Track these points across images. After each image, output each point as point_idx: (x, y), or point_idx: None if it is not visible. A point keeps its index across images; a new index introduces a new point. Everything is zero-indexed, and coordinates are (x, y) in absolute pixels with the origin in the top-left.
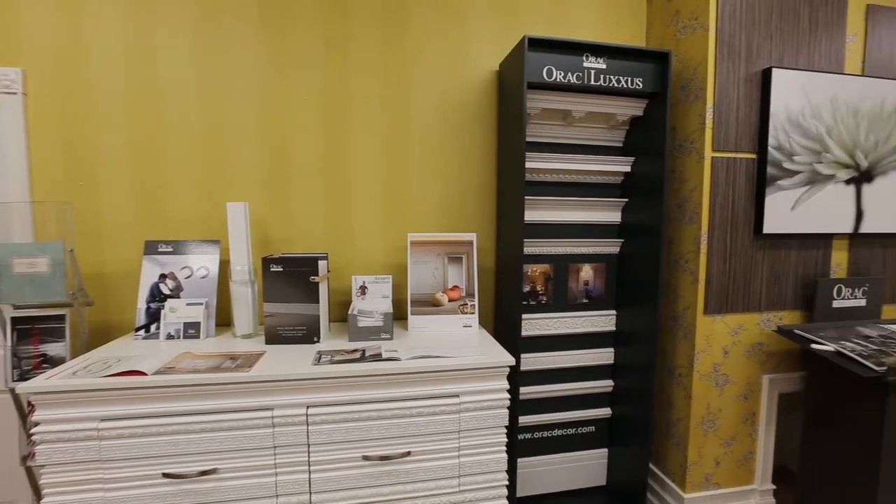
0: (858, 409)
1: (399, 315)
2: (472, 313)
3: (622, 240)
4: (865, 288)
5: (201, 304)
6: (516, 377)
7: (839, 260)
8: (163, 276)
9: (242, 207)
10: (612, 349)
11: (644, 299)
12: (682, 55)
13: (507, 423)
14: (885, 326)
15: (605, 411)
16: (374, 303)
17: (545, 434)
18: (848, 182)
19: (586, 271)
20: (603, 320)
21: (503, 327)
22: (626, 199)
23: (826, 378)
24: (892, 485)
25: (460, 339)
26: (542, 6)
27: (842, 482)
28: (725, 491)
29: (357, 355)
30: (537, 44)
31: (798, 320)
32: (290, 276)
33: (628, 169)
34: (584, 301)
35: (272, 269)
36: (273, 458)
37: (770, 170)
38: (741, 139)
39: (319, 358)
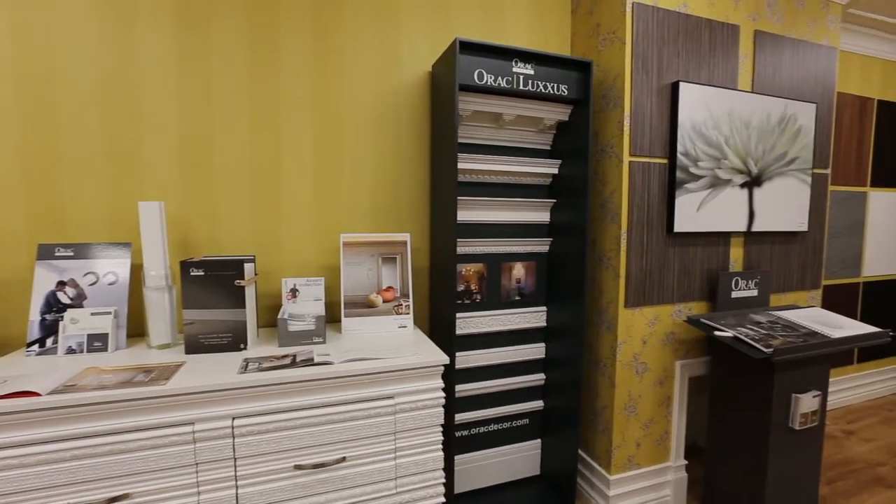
0: (752, 386)
1: (333, 318)
2: (407, 314)
3: (551, 239)
4: (757, 280)
5: (109, 313)
6: (452, 375)
7: (736, 255)
8: (61, 284)
9: (157, 207)
10: (543, 344)
11: (571, 295)
12: (603, 65)
13: (443, 422)
14: (773, 313)
15: (537, 404)
16: (305, 306)
17: (482, 430)
18: (742, 186)
19: (518, 270)
20: (534, 317)
21: (438, 326)
22: (555, 200)
23: (727, 361)
24: (779, 451)
25: (395, 340)
26: (475, 11)
27: (741, 452)
28: (645, 470)
29: (287, 361)
30: (469, 47)
31: (704, 310)
32: (213, 280)
33: (556, 171)
34: (517, 299)
35: (192, 273)
36: (195, 476)
37: (679, 174)
38: (654, 145)
39: (246, 366)
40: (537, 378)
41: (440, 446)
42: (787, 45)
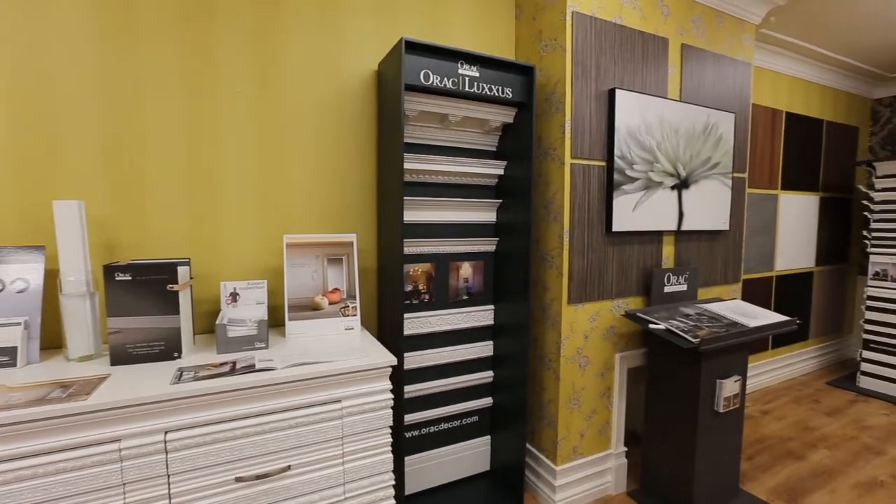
0: (682, 374)
1: (276, 322)
2: (354, 315)
3: (498, 238)
4: (686, 275)
5: (18, 324)
6: (400, 376)
7: (668, 253)
8: None
9: (76, 206)
10: (491, 342)
11: (517, 293)
12: (546, 70)
13: (391, 424)
14: (700, 305)
15: (486, 401)
16: (246, 310)
17: (432, 429)
18: (672, 188)
19: (466, 269)
20: (482, 315)
21: (386, 327)
22: (501, 201)
23: (661, 351)
24: (706, 432)
25: (342, 343)
26: (421, 11)
27: (674, 435)
28: (589, 458)
29: (226, 368)
30: (414, 47)
31: (640, 304)
32: (143, 285)
33: (501, 172)
34: (465, 298)
35: (118, 278)
36: (122, 497)
37: (616, 176)
38: (593, 148)
39: (180, 375)
40: (486, 375)
41: (389, 448)
42: (710, 58)
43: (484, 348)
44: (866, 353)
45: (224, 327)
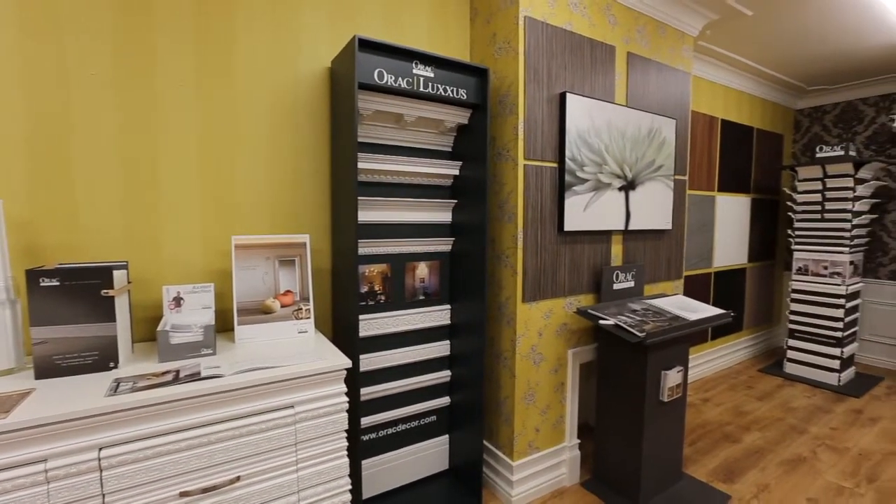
0: (630, 367)
1: (225, 327)
2: (308, 318)
3: (453, 238)
4: (633, 272)
5: None
6: (356, 379)
7: (616, 251)
8: None
9: None
10: (448, 341)
11: (473, 293)
12: (500, 73)
13: (347, 428)
14: (646, 301)
15: (444, 400)
16: (192, 315)
17: (390, 431)
18: (620, 189)
19: (422, 269)
20: (439, 315)
21: (341, 330)
22: (456, 201)
23: (610, 346)
24: (652, 420)
25: (295, 347)
26: (376, 9)
27: (622, 426)
28: (544, 452)
29: (169, 377)
30: (368, 45)
31: (591, 301)
32: (73, 290)
33: (457, 172)
34: (422, 298)
35: (43, 284)
36: None
37: (567, 177)
38: (546, 150)
39: (117, 387)
40: (443, 375)
41: (345, 453)
42: (653, 67)
43: (441, 348)
44: (791, 342)
45: (166, 334)
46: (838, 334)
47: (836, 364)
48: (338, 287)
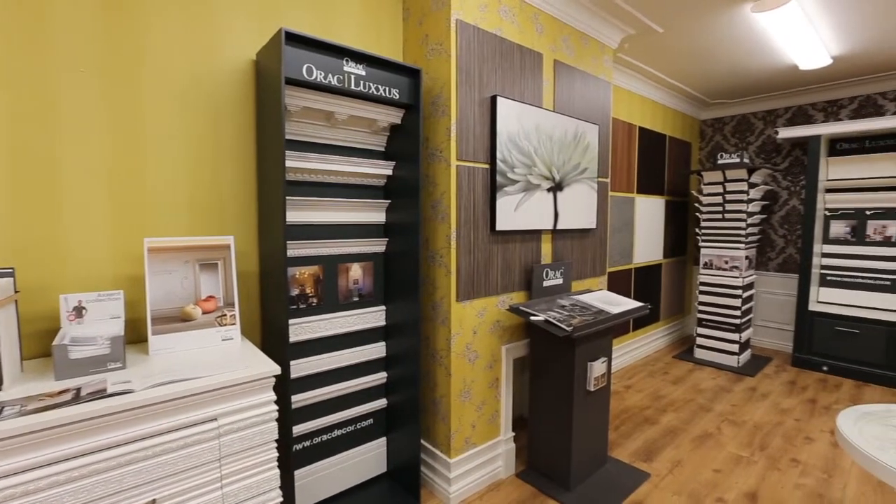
0: (559, 359)
1: (139, 337)
2: (233, 324)
3: (387, 239)
4: (562, 270)
5: None
6: (286, 386)
7: (546, 250)
8: None
9: None
10: (383, 342)
11: (408, 293)
12: (432, 74)
13: (277, 438)
14: (573, 297)
15: (381, 402)
16: (97, 326)
17: (325, 437)
18: (548, 190)
19: (356, 270)
20: (374, 316)
21: (271, 335)
22: (389, 201)
23: (541, 340)
24: (580, 409)
25: (219, 355)
26: (305, 3)
27: (553, 416)
28: (481, 447)
29: (67, 397)
30: (296, 39)
31: (523, 299)
32: None
33: (390, 172)
34: (356, 299)
35: None
36: None
37: (499, 178)
38: (478, 151)
39: (0, 411)
40: (379, 377)
41: (275, 464)
42: (578, 75)
43: (376, 350)
44: (700, 330)
45: (64, 348)
46: (737, 321)
47: (735, 348)
48: (266, 291)
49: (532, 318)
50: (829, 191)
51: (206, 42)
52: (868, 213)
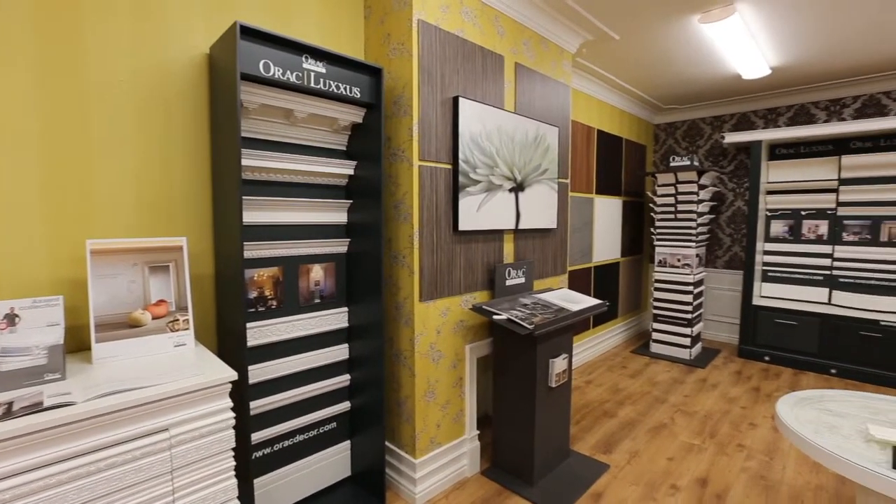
0: (522, 357)
1: (83, 345)
2: (186, 329)
3: (349, 239)
4: (524, 269)
5: None
6: (244, 392)
7: (508, 250)
8: None
9: None
10: (346, 344)
11: (371, 294)
12: (394, 73)
13: (234, 446)
14: (535, 295)
15: (344, 405)
16: (32, 335)
17: (286, 443)
18: (510, 191)
19: (317, 271)
20: (336, 318)
21: (228, 340)
22: (351, 201)
23: (504, 339)
24: (542, 405)
25: (171, 362)
26: None
27: (516, 413)
28: (446, 446)
29: None
30: (252, 33)
31: (486, 298)
32: None
33: (352, 172)
34: (317, 301)
35: None
36: None
37: (461, 179)
38: (440, 152)
39: None
40: (342, 379)
41: (233, 473)
42: (538, 78)
43: (339, 352)
44: (655, 325)
45: None
46: (688, 316)
47: (687, 341)
48: (223, 294)
49: (495, 317)
50: (769, 193)
51: (155, 34)
52: (803, 213)
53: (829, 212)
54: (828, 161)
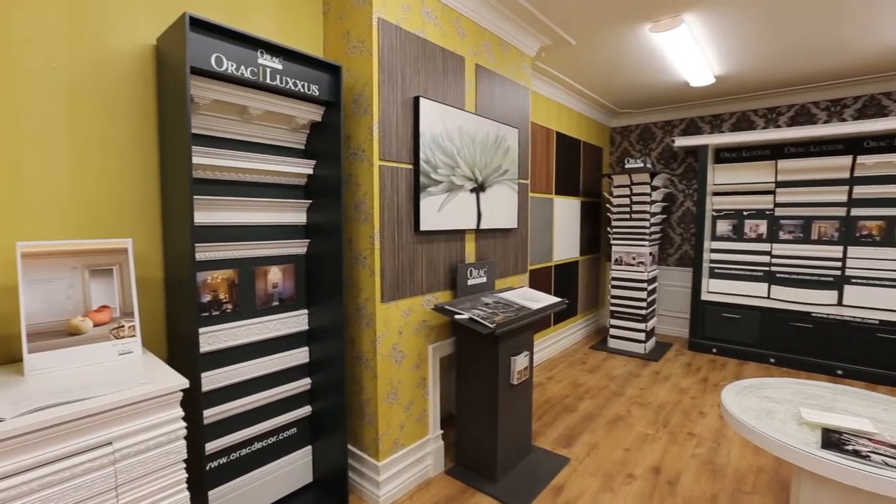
0: (484, 356)
1: (12, 357)
2: (132, 336)
3: (308, 240)
4: (486, 268)
5: None
6: (197, 400)
7: (470, 249)
8: None
9: None
10: (306, 348)
11: (331, 295)
12: (354, 71)
13: (186, 457)
14: (496, 294)
15: (305, 410)
16: None
17: (244, 452)
18: (471, 191)
19: (275, 273)
20: (295, 321)
21: (179, 346)
22: (311, 201)
23: (466, 338)
24: (504, 402)
25: (115, 372)
26: None
27: (479, 411)
28: (410, 447)
29: None
30: (203, 26)
31: (448, 298)
32: None
33: (311, 171)
34: (275, 304)
35: None
36: None
37: (422, 179)
38: (401, 152)
39: None
40: (303, 384)
41: (185, 486)
42: (498, 80)
43: (299, 355)
44: (612, 321)
45: None
46: (643, 312)
47: (642, 336)
48: (173, 298)
49: (457, 316)
50: (715, 194)
51: (96, 20)
52: (745, 213)
53: (768, 212)
54: (766, 165)
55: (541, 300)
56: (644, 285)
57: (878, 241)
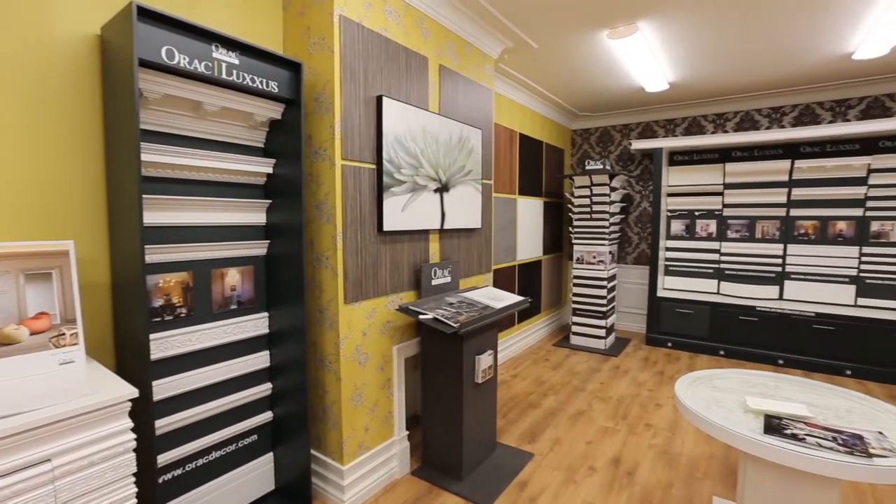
0: (449, 355)
1: None
2: (75, 344)
3: (269, 241)
4: (450, 268)
5: None
6: (148, 410)
7: (434, 249)
8: None
9: None
10: (267, 351)
11: (293, 297)
12: (315, 69)
13: (136, 471)
14: (460, 294)
15: (266, 416)
16: None
17: (201, 461)
18: (435, 191)
19: (233, 276)
20: (255, 324)
21: (128, 353)
22: (270, 201)
23: (430, 338)
24: (469, 401)
25: (56, 382)
26: None
27: (444, 410)
28: (375, 450)
29: None
30: (151, 16)
31: (412, 298)
32: None
33: (270, 170)
34: (234, 307)
35: None
36: None
37: (385, 179)
38: (364, 151)
39: None
40: (263, 389)
41: (134, 501)
42: (462, 81)
43: (259, 359)
44: (574, 318)
45: None
46: (603, 309)
47: (602, 333)
48: (121, 303)
49: (421, 316)
50: (670, 195)
51: (32, 9)
52: (697, 213)
53: (717, 212)
54: (715, 168)
55: (504, 299)
56: (604, 283)
57: (813, 240)
